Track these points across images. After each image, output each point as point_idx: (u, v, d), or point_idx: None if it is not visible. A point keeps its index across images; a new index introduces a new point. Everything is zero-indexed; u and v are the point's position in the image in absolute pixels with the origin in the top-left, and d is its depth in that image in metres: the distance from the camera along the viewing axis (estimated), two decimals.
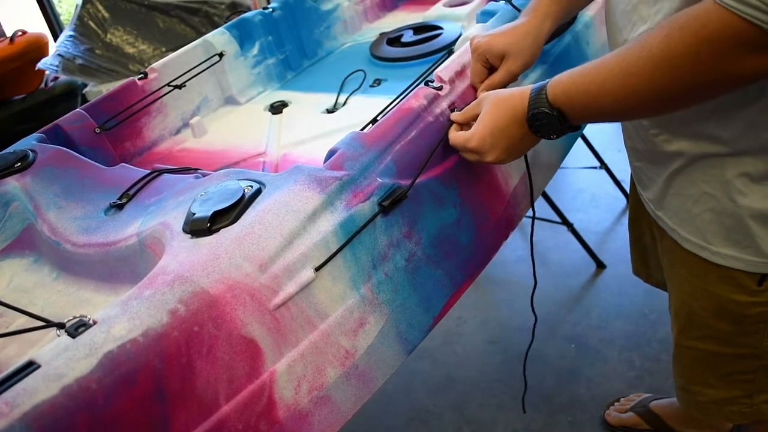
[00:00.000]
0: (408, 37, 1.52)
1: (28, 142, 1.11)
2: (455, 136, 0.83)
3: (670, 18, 0.59)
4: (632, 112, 0.71)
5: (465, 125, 0.85)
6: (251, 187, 0.79)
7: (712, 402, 0.95)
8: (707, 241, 0.80)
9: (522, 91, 0.75)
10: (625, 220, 2.12)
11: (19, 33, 2.89)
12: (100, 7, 2.64)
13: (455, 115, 0.87)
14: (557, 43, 1.15)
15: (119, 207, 0.92)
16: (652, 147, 0.81)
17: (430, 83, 0.93)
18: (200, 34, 2.14)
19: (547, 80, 0.72)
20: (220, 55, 1.42)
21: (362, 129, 0.90)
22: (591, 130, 2.17)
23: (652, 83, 0.61)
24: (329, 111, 1.34)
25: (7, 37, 2.91)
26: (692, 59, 0.57)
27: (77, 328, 0.60)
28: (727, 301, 0.82)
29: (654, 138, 0.80)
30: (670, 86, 0.60)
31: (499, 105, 0.76)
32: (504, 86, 0.89)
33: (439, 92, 0.92)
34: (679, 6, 0.63)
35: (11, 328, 0.84)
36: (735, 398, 0.92)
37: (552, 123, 0.72)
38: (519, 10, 1.12)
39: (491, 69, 0.91)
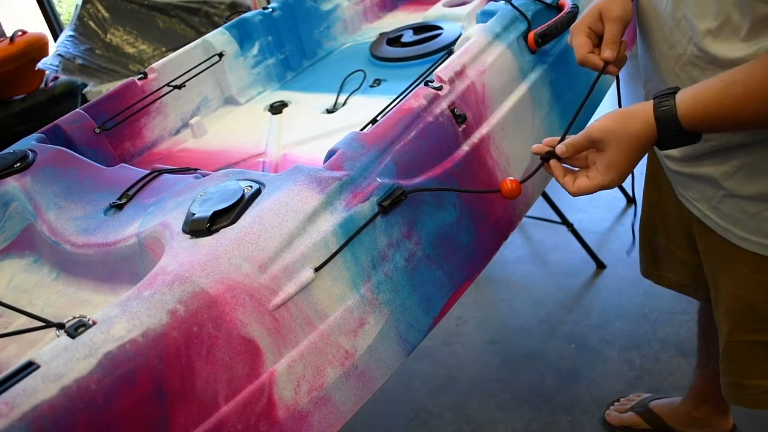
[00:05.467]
0: (408, 37, 1.52)
1: (28, 142, 1.11)
2: (583, 186, 0.75)
3: None
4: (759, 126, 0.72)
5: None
6: (251, 187, 0.79)
7: (767, 393, 0.95)
8: None
9: (644, 122, 0.70)
10: (625, 220, 2.13)
11: (19, 33, 2.90)
12: (100, 7, 2.65)
13: (562, 150, 0.76)
14: (557, 43, 1.15)
15: (119, 207, 0.91)
16: (702, 152, 0.81)
17: (429, 83, 0.93)
18: (200, 34, 2.14)
19: (668, 103, 0.70)
20: (220, 55, 1.42)
21: (362, 129, 0.90)
22: None
23: None
24: (329, 111, 1.34)
25: (7, 37, 2.91)
26: None
27: (77, 328, 0.60)
28: None
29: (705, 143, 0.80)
30: None
31: (631, 150, 0.71)
32: (620, 35, 0.83)
33: (439, 92, 0.92)
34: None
35: (11, 329, 0.84)
36: None
37: (683, 142, 0.71)
38: (519, 10, 1.12)
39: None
